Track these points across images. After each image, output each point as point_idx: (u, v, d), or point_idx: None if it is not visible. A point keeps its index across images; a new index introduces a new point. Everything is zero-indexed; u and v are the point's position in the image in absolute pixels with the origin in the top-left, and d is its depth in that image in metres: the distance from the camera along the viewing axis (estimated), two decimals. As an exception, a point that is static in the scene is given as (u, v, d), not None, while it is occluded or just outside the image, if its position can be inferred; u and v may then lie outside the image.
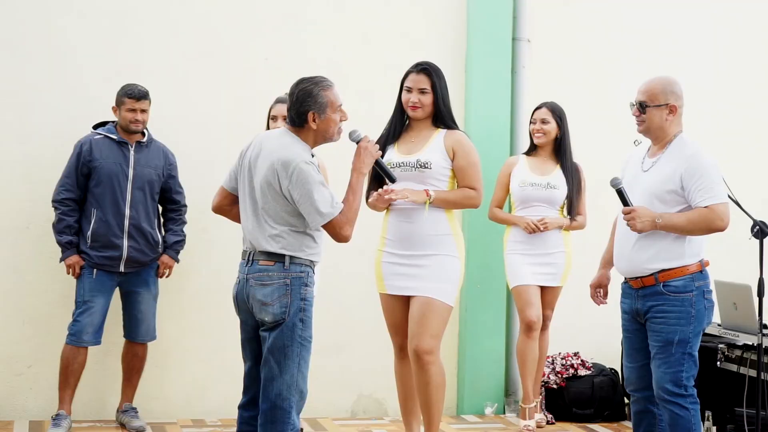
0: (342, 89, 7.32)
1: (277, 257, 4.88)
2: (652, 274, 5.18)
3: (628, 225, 5.18)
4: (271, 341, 4.89)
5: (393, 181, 5.38)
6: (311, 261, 4.98)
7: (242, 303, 5.00)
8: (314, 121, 4.95)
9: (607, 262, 5.60)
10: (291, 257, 4.88)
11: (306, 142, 4.97)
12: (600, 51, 8.13)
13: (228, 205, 5.17)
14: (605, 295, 5.62)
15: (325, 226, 4.89)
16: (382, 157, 5.71)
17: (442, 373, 5.74)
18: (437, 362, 5.71)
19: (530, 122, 7.29)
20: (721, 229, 5.12)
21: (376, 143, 5.48)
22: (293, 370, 4.90)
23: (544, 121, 7.19)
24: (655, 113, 5.22)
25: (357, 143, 5.13)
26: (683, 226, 5.11)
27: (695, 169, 5.11)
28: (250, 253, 4.97)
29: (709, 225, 5.09)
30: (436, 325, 5.69)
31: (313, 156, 4.95)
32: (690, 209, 5.13)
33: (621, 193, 5.21)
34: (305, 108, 4.94)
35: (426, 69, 5.84)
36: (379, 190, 5.70)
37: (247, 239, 5.00)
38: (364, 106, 7.34)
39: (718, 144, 7.76)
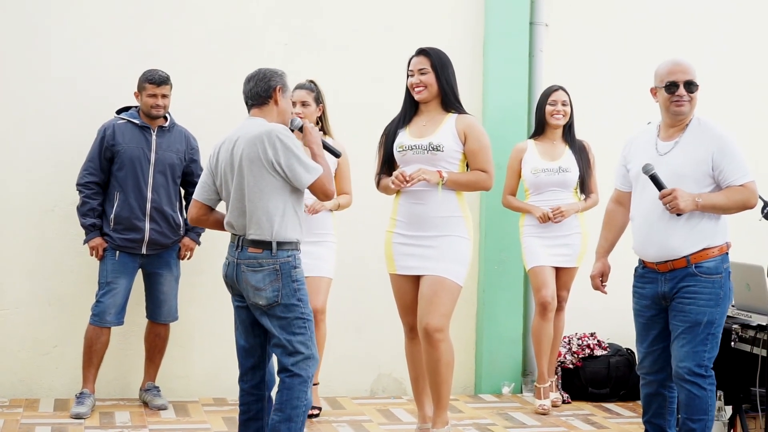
0: (359, 74, 7.52)
1: (264, 245, 5.08)
2: (684, 257, 5.23)
3: (668, 206, 5.14)
4: (278, 322, 5.11)
5: (338, 156, 5.65)
6: (297, 242, 5.16)
7: (233, 284, 5.21)
8: (279, 96, 5.20)
9: (606, 251, 5.65)
10: (278, 243, 5.07)
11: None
12: (617, 35, 8.12)
13: (204, 215, 5.36)
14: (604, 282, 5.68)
15: (312, 185, 5.10)
16: (394, 140, 5.95)
17: (452, 352, 5.80)
18: (447, 340, 5.77)
19: (548, 104, 7.28)
20: (754, 206, 5.25)
21: (387, 127, 5.98)
22: (307, 343, 5.13)
23: (564, 103, 7.25)
24: (696, 94, 5.30)
25: (300, 129, 5.40)
26: (723, 204, 5.16)
27: (725, 148, 5.18)
28: (239, 238, 5.15)
29: (745, 203, 5.20)
30: (446, 304, 5.76)
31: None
32: (718, 189, 5.19)
33: (655, 178, 5.19)
34: (273, 83, 5.20)
35: (424, 50, 5.94)
36: (395, 173, 5.81)
37: (235, 228, 5.17)
38: (381, 91, 7.40)
39: (736, 126, 7.75)
